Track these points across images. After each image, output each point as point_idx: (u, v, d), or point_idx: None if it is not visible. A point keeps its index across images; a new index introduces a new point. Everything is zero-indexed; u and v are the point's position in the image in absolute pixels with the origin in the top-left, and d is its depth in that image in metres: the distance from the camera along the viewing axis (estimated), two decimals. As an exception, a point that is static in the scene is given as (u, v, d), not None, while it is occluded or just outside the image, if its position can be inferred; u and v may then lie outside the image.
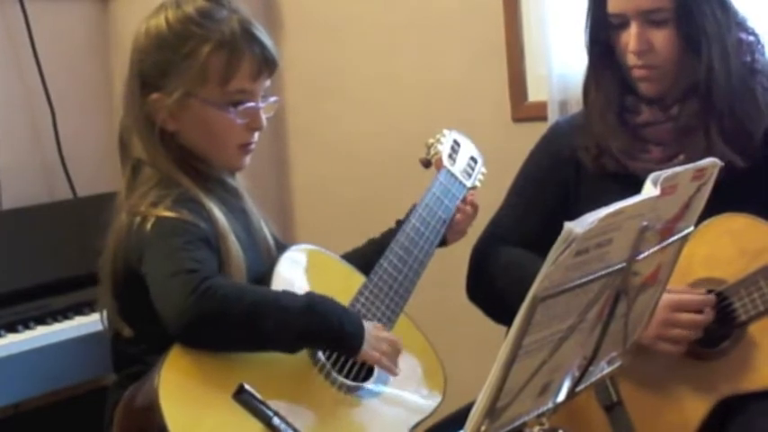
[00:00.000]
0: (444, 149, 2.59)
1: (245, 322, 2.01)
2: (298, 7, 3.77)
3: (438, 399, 2.30)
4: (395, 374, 2.22)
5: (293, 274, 2.27)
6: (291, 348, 2.09)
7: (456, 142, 2.63)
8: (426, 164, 2.61)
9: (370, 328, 2.18)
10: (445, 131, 2.65)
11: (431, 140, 2.63)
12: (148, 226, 2.13)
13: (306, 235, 3.73)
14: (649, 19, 2.40)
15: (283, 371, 2.10)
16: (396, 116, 3.63)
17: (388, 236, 2.45)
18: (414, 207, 2.45)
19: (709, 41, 2.38)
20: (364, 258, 2.43)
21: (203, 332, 2.00)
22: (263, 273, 2.24)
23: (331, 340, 2.12)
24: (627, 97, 2.49)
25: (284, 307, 2.06)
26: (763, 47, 2.48)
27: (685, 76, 2.43)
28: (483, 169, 2.66)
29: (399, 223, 2.47)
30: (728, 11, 2.42)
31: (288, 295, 2.11)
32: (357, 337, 2.13)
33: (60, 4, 3.65)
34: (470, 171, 2.61)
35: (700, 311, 2.33)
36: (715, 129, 2.40)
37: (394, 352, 2.21)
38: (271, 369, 2.08)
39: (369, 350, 2.15)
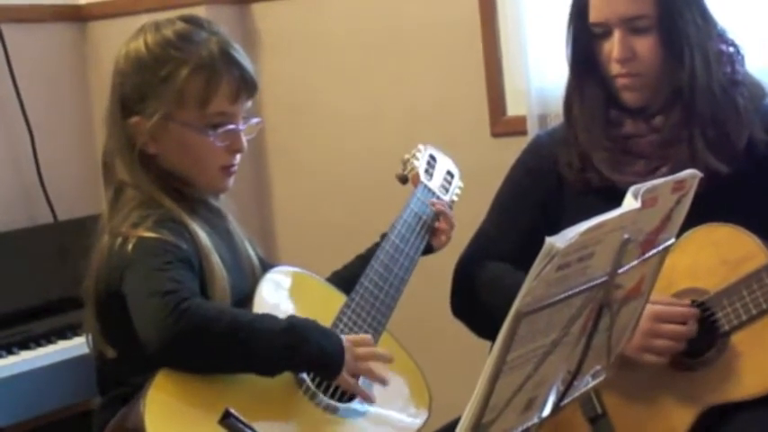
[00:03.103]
0: (420, 165, 2.58)
1: (223, 343, 2.00)
2: (274, 26, 3.76)
3: (424, 417, 2.29)
4: (371, 401, 2.21)
5: (275, 295, 2.26)
6: (270, 371, 2.07)
7: (432, 157, 2.63)
8: (403, 180, 2.60)
9: (351, 350, 2.16)
10: (420, 147, 2.64)
11: (406, 156, 2.62)
12: (129, 247, 2.13)
13: (287, 255, 3.72)
14: (632, 26, 2.41)
15: (268, 393, 2.09)
16: (375, 134, 3.63)
17: (374, 250, 2.43)
18: (393, 223, 2.45)
19: (692, 48, 2.39)
20: (353, 275, 2.41)
21: (181, 352, 2.00)
22: (247, 293, 2.23)
23: (310, 362, 2.11)
24: (610, 111, 2.49)
25: (263, 328, 2.05)
26: (742, 58, 2.48)
27: (668, 84, 2.44)
28: (460, 183, 2.66)
29: (384, 236, 2.45)
30: (709, 20, 2.44)
31: (267, 317, 2.10)
32: (336, 360, 2.12)
33: (38, 28, 3.65)
34: (447, 186, 2.61)
35: (683, 323, 2.33)
36: (699, 137, 2.40)
37: (382, 361, 2.20)
38: (256, 392, 2.07)
39: (347, 376, 2.13)
